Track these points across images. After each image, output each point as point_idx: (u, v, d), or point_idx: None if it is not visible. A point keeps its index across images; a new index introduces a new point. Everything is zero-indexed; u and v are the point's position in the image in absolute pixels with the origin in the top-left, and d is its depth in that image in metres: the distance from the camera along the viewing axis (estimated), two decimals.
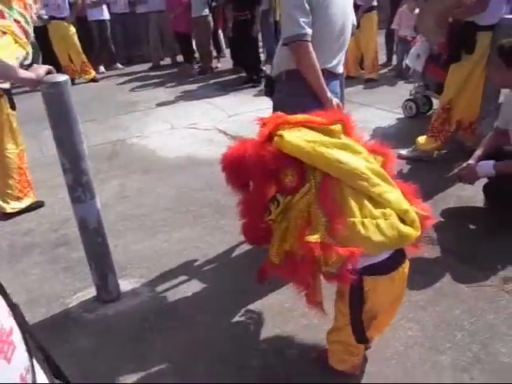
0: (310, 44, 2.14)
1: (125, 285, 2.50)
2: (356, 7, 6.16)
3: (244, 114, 5.45)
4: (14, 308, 0.62)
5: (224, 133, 4.85)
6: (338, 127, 1.67)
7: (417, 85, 5.00)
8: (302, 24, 2.12)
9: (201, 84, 7.07)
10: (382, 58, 7.22)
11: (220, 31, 8.29)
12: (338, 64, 2.34)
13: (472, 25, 3.33)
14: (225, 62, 8.06)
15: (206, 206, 3.34)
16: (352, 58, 6.65)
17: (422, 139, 3.85)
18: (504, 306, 2.23)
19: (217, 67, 7.98)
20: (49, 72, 2.03)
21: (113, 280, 2.38)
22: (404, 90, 6.05)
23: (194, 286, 2.50)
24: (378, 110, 5.26)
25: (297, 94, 2.27)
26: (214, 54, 8.26)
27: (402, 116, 5.03)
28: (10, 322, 0.56)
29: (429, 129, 3.82)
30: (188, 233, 3.02)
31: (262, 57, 7.08)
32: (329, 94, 2.27)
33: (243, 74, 7.24)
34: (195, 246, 2.87)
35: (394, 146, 2.27)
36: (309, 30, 2.13)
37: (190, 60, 8.12)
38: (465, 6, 3.34)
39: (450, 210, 3.15)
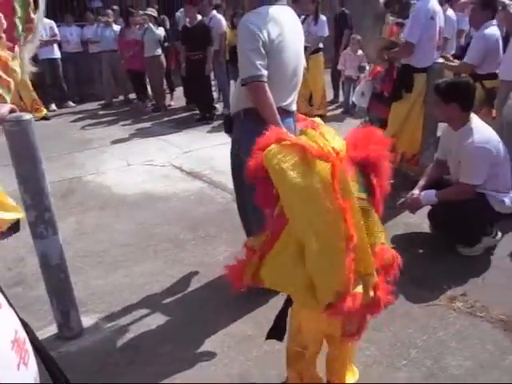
0: (266, 84, 2.30)
1: (86, 320, 2.48)
2: (303, 49, 6.56)
3: (198, 150, 5.57)
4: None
5: (180, 169, 4.92)
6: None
7: (363, 120, 5.31)
8: (259, 66, 2.28)
9: (155, 121, 7.15)
10: (329, 96, 7.59)
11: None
12: (292, 102, 2.50)
13: (409, 67, 3.67)
14: (177, 100, 8.20)
15: (166, 241, 3.38)
16: (301, 95, 6.96)
17: None
18: (452, 323, 2.39)
19: (170, 105, 8.10)
20: (12, 111, 2.06)
21: (75, 316, 2.37)
22: (352, 125, 6.37)
23: (157, 319, 2.52)
24: None
25: (255, 130, 2.40)
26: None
27: None
28: (23, 333, 0.61)
29: None
30: (149, 267, 3.04)
31: (215, 95, 7.26)
32: (284, 130, 2.41)
33: (196, 112, 7.40)
34: (156, 280, 2.89)
35: None
36: (265, 72, 2.29)
37: (143, 98, 8.22)
38: (396, 50, 3.71)
39: (399, 236, 3.35)
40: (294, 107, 2.54)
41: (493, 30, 4.30)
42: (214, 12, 7.19)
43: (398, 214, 3.64)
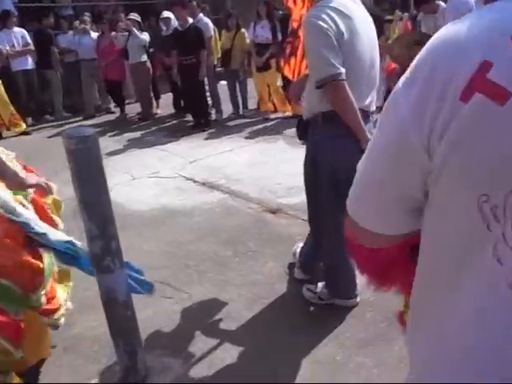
0: (345, 83, 2.08)
1: (150, 360, 2.19)
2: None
3: (204, 158, 5.29)
4: None
5: (192, 180, 4.63)
6: None
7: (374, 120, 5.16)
8: (336, 64, 2.06)
9: (146, 131, 6.80)
10: None
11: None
12: (372, 102, 2.29)
13: None
14: (164, 108, 7.86)
15: (205, 260, 3.10)
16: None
17: None
18: None
19: (157, 113, 7.76)
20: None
21: (142, 357, 2.07)
22: None
23: (228, 351, 2.25)
24: None
25: (336, 135, 2.19)
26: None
27: None
28: None
29: None
30: (197, 291, 2.75)
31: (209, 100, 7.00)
32: (368, 134, 2.21)
33: (187, 119, 7.11)
34: (210, 305, 2.62)
35: None
36: (343, 70, 2.06)
37: (123, 108, 7.88)
38: None
39: None
40: (373, 108, 2.33)
41: None
42: (201, 15, 6.94)
43: None
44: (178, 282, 2.84)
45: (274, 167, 4.86)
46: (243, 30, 6.82)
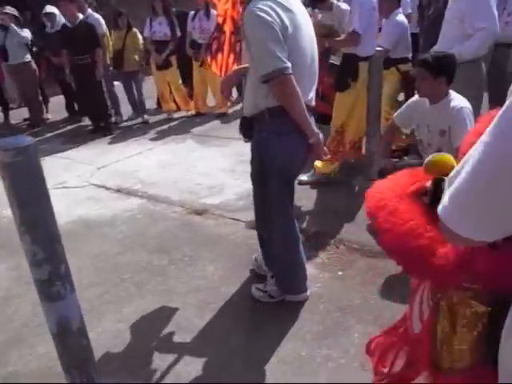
0: (293, 77, 2.05)
1: None
2: (199, 46, 6.26)
3: (112, 164, 4.98)
4: None
5: (104, 187, 4.33)
6: None
7: None
8: (282, 57, 2.02)
9: (39, 138, 6.19)
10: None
11: None
12: (313, 98, 2.29)
13: (354, 56, 3.67)
14: (54, 113, 7.27)
15: (140, 271, 2.91)
16: (201, 94, 6.68)
17: (319, 163, 4.03)
18: None
19: (48, 118, 7.15)
20: None
21: None
22: None
23: (191, 364, 2.13)
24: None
25: (283, 132, 2.16)
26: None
27: None
28: None
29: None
30: (140, 305, 2.57)
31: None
32: (315, 128, 2.21)
33: (85, 123, 6.66)
34: (158, 318, 2.46)
35: None
36: (289, 64, 2.04)
37: (6, 113, 7.16)
38: (340, 40, 3.68)
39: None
40: (314, 103, 2.32)
41: (401, 17, 4.57)
42: (90, 10, 6.49)
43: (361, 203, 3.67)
44: (117, 299, 2.64)
45: (188, 168, 4.73)
46: (135, 29, 6.47)
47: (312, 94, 2.25)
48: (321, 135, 2.26)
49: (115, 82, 6.86)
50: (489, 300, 0.91)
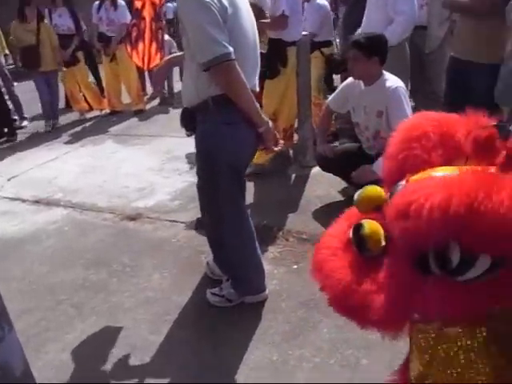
0: (236, 63, 1.88)
1: None
2: (108, 39, 5.86)
3: (25, 173, 4.52)
4: None
5: (20, 199, 3.89)
6: None
7: None
8: (223, 42, 1.85)
9: None
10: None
11: None
12: (257, 83, 2.13)
13: (281, 42, 3.58)
14: None
15: (78, 289, 2.61)
16: (114, 91, 6.28)
17: None
18: None
19: None
20: None
21: None
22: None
23: None
24: (174, 138, 5.09)
25: (230, 121, 1.99)
26: None
27: None
28: None
29: None
30: (84, 328, 2.29)
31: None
32: (264, 116, 2.06)
33: None
34: (107, 341, 2.20)
35: None
36: (231, 48, 1.87)
37: None
38: (268, 22, 3.55)
39: (320, 210, 3.28)
40: (258, 89, 2.17)
41: (322, 0, 4.56)
42: None
43: (303, 190, 3.62)
44: (56, 325, 2.33)
45: (112, 170, 4.41)
46: (46, 20, 5.82)
47: (256, 79, 2.10)
48: (270, 123, 2.13)
49: (15, 83, 6.25)
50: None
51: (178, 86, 7.13)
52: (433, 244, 0.75)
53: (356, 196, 0.97)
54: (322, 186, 3.64)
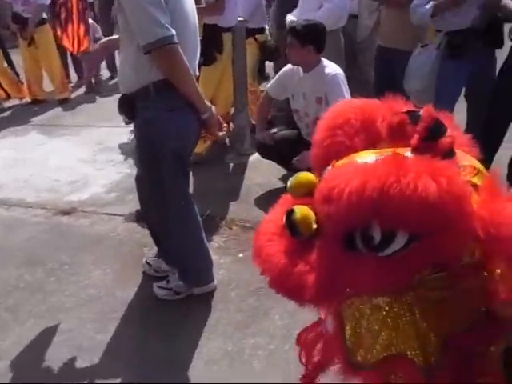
0: (179, 47, 1.82)
1: None
2: (24, 20, 5.43)
3: None
4: None
5: None
6: None
7: None
8: (166, 24, 1.77)
9: None
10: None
11: None
12: (197, 68, 2.07)
13: (217, 27, 3.52)
14: None
15: (11, 291, 2.43)
16: (35, 78, 5.89)
17: None
18: None
19: None
20: None
21: None
22: (109, 102, 5.84)
23: None
24: (105, 127, 4.87)
25: (174, 108, 1.92)
26: None
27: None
28: None
29: None
30: (22, 333, 2.14)
31: None
32: (207, 102, 2.00)
33: None
34: (49, 345, 2.07)
35: None
36: (174, 31, 1.79)
37: None
38: (204, 7, 3.47)
39: (261, 197, 3.28)
40: (198, 73, 2.11)
41: None
42: None
43: (241, 179, 3.61)
44: None
45: (39, 163, 4.14)
46: None
47: (196, 64, 2.05)
48: (214, 109, 2.09)
49: None
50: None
51: (105, 73, 6.86)
52: (357, 224, 0.81)
53: (289, 182, 1.02)
54: (262, 173, 3.65)
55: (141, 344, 2.05)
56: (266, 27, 4.54)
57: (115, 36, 2.36)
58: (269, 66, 5.52)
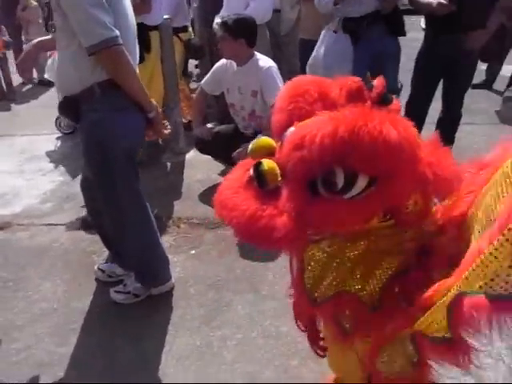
0: (124, 47, 1.81)
1: None
2: None
3: None
4: None
5: None
6: None
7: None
8: (109, 25, 1.75)
9: None
10: None
11: None
12: (136, 68, 2.06)
13: (143, 26, 3.46)
14: None
15: None
16: None
17: None
18: None
19: None
20: None
21: None
22: (25, 109, 5.57)
23: None
24: (26, 136, 4.63)
25: (122, 107, 1.91)
26: None
27: (61, 134, 4.65)
28: None
29: None
30: None
31: None
32: (153, 101, 2.00)
33: None
34: (6, 365, 1.98)
35: None
36: (118, 32, 1.78)
37: None
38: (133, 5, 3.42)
39: (204, 193, 3.31)
40: (138, 71, 2.09)
41: None
42: None
43: (180, 180, 3.61)
44: None
45: None
46: None
47: (136, 63, 2.03)
48: (159, 108, 2.10)
49: None
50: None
51: (17, 79, 6.49)
52: (321, 171, 0.89)
53: (250, 146, 1.09)
54: (200, 170, 3.68)
55: (107, 351, 2.02)
56: (189, 25, 4.53)
57: (47, 36, 2.29)
58: (191, 64, 5.53)
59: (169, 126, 2.29)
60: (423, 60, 3.22)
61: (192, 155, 3.96)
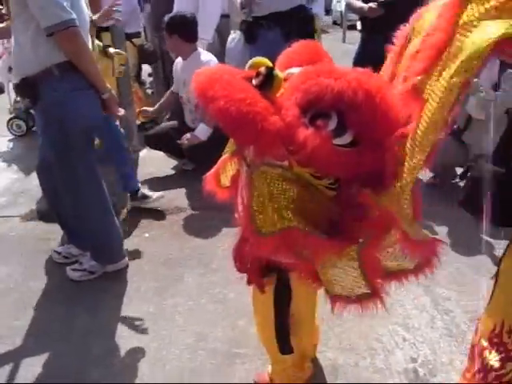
0: (80, 30, 1.96)
1: None
2: None
3: None
4: None
5: None
6: None
7: (14, 100, 4.72)
8: (67, 7, 1.90)
9: None
10: None
11: None
12: None
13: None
14: None
15: None
16: None
17: None
18: None
19: None
20: None
21: None
22: None
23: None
24: None
25: (81, 87, 2.06)
26: None
27: (13, 136, 4.68)
28: None
29: None
30: None
31: None
32: (106, 83, 2.16)
33: None
34: None
35: None
36: (75, 15, 1.93)
37: None
38: None
39: (156, 182, 3.45)
40: None
41: None
42: None
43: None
44: None
45: None
46: None
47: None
48: (113, 91, 2.25)
49: None
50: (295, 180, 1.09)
51: None
52: (321, 107, 0.96)
53: (249, 63, 1.14)
54: (153, 165, 3.82)
55: (64, 322, 2.11)
56: (142, 31, 4.70)
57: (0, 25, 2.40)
58: (145, 72, 5.68)
59: (122, 111, 2.46)
60: (359, 58, 3.52)
61: (146, 153, 4.09)
